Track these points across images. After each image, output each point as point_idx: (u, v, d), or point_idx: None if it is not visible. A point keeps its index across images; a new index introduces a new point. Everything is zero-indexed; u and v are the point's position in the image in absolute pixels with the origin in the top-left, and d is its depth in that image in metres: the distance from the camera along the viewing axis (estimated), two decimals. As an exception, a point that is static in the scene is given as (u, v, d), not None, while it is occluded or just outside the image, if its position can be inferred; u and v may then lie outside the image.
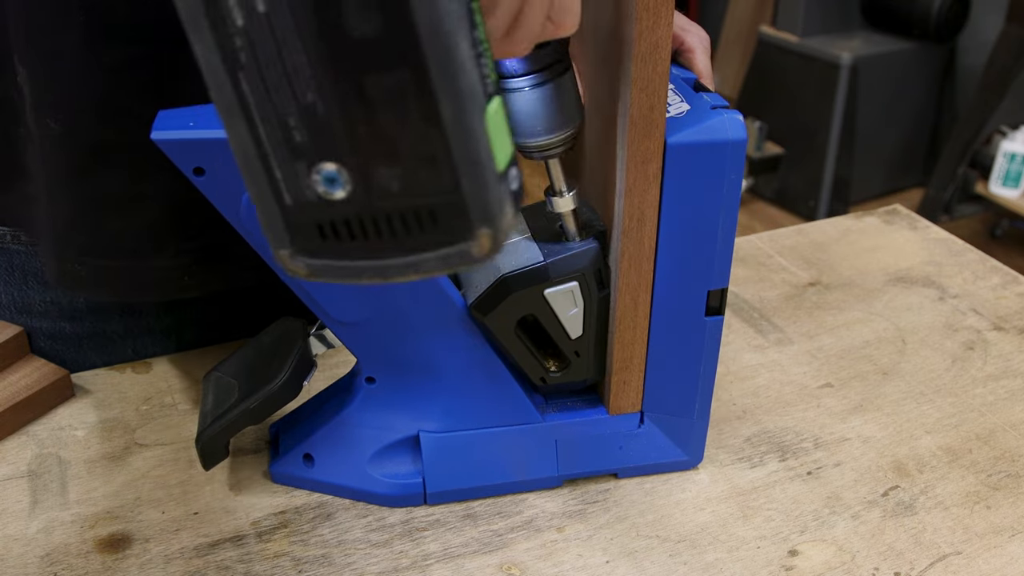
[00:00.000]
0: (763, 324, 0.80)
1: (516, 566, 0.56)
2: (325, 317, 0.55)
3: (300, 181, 0.32)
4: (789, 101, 3.06)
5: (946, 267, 0.89)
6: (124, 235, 0.64)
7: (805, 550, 0.58)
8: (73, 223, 0.63)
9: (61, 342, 0.73)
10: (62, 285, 0.68)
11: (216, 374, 0.62)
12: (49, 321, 0.72)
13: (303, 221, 0.34)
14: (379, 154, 0.32)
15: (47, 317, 0.71)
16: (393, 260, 0.34)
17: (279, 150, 0.32)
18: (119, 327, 0.73)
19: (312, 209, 0.33)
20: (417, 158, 0.31)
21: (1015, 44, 2.64)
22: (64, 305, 0.71)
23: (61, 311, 0.71)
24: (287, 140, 0.32)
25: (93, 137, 0.60)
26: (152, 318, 0.74)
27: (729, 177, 0.52)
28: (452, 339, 0.56)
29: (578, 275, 0.54)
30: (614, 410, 0.60)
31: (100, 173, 0.62)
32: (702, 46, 0.60)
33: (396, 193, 0.32)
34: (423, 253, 0.34)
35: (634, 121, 0.49)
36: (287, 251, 0.34)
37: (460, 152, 0.31)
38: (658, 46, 0.47)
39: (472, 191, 0.32)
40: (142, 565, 0.56)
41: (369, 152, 0.32)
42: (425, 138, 0.31)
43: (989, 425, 0.68)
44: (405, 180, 0.32)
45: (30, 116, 0.60)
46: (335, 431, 0.60)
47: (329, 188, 0.32)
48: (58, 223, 0.64)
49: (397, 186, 0.32)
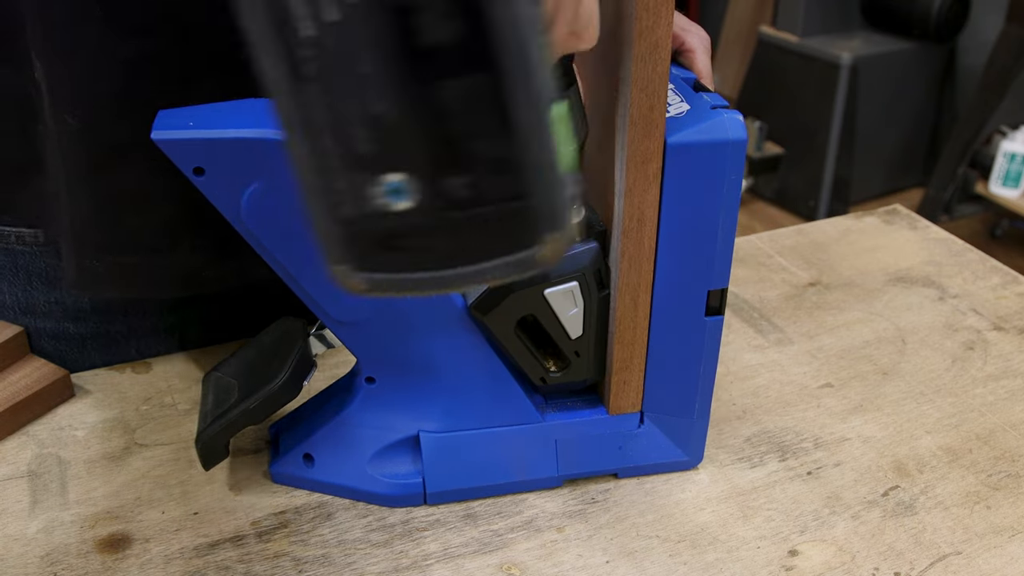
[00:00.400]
0: (763, 324, 0.80)
1: (516, 566, 0.56)
2: (325, 317, 0.55)
3: (362, 193, 0.31)
4: (789, 101, 3.06)
5: (946, 267, 0.89)
6: (142, 232, 0.64)
7: (805, 550, 0.58)
8: (91, 220, 0.63)
9: (65, 342, 0.73)
10: (79, 284, 0.68)
11: (216, 374, 0.62)
12: (53, 321, 0.72)
13: (364, 235, 0.32)
14: (450, 162, 0.31)
15: (51, 317, 0.71)
16: (456, 270, 0.33)
17: (341, 162, 0.31)
18: (123, 327, 0.74)
19: (374, 222, 0.32)
20: (488, 165, 0.31)
21: (1015, 44, 2.64)
22: (68, 305, 0.71)
23: (65, 311, 0.72)
24: (350, 151, 0.31)
25: (111, 133, 0.60)
26: (156, 317, 0.74)
27: (729, 177, 0.52)
28: (452, 339, 0.56)
29: (578, 275, 0.54)
30: (614, 410, 0.60)
31: (118, 169, 0.61)
32: (703, 46, 0.60)
33: (465, 201, 0.31)
34: (486, 262, 0.33)
35: (634, 121, 0.49)
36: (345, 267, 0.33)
37: (532, 157, 0.31)
38: (658, 46, 0.47)
39: (542, 197, 0.31)
40: (142, 565, 0.56)
41: (440, 160, 0.31)
42: (497, 144, 0.31)
43: (989, 425, 0.68)
44: (475, 188, 0.31)
45: (48, 112, 0.60)
46: (335, 431, 0.60)
47: (393, 199, 0.31)
48: (76, 221, 0.64)
49: (466, 194, 0.31)
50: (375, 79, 0.30)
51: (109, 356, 0.74)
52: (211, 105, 0.51)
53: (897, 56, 2.95)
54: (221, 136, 0.48)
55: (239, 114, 0.50)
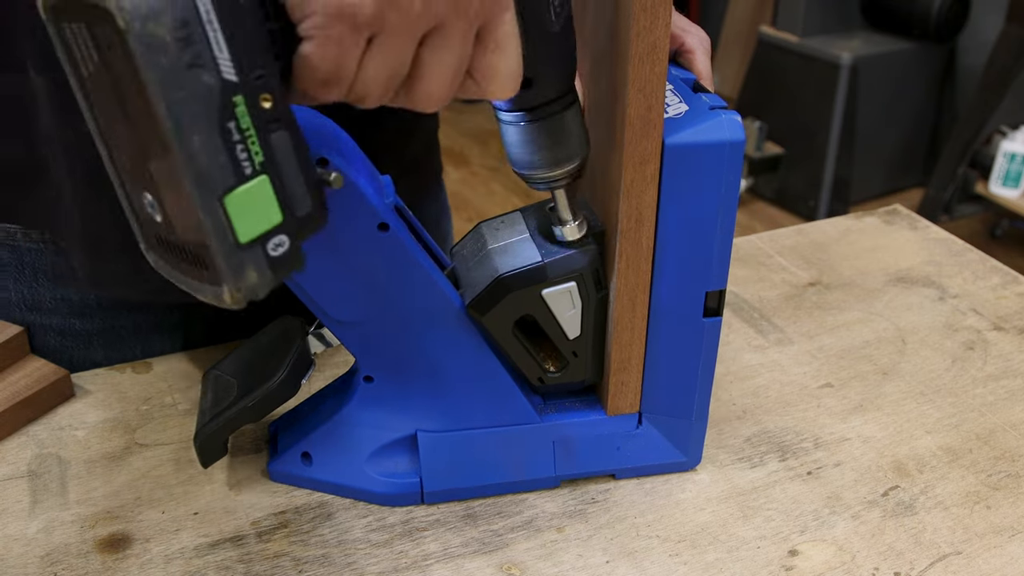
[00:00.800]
0: (763, 324, 0.80)
1: (516, 566, 0.56)
2: (323, 316, 0.55)
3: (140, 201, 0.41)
4: (789, 101, 3.06)
5: (946, 267, 0.89)
6: None
7: (805, 550, 0.58)
8: (108, 221, 0.64)
9: (71, 339, 0.73)
10: (95, 284, 0.68)
11: (215, 372, 0.62)
12: (59, 318, 0.72)
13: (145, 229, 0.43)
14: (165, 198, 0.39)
15: (57, 314, 0.72)
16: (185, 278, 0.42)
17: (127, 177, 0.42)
18: (128, 323, 0.74)
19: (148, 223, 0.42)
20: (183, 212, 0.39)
21: (1015, 44, 2.65)
22: (74, 302, 0.71)
23: (71, 308, 0.72)
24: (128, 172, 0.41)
25: None
26: (160, 314, 0.74)
27: (727, 178, 0.52)
28: (450, 339, 0.56)
29: (576, 275, 0.54)
30: (612, 411, 0.60)
31: None
32: (702, 47, 0.60)
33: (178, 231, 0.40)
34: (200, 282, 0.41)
35: (632, 122, 0.49)
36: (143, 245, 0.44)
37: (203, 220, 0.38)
38: (656, 46, 0.47)
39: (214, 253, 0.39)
40: (142, 565, 0.56)
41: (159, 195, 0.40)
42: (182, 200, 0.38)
43: (989, 425, 0.68)
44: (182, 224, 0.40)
45: (51, 121, 0.61)
46: (333, 430, 0.60)
47: (151, 211, 0.41)
48: (91, 223, 0.64)
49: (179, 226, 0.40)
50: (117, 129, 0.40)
51: (114, 352, 0.74)
52: None
53: (897, 56, 2.95)
54: None
55: None
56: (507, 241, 0.56)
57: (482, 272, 0.55)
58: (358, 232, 0.51)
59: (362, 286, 0.54)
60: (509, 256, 0.55)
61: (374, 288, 0.54)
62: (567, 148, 0.50)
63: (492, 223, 0.59)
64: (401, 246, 0.52)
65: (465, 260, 0.58)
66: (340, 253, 0.52)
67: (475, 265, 0.56)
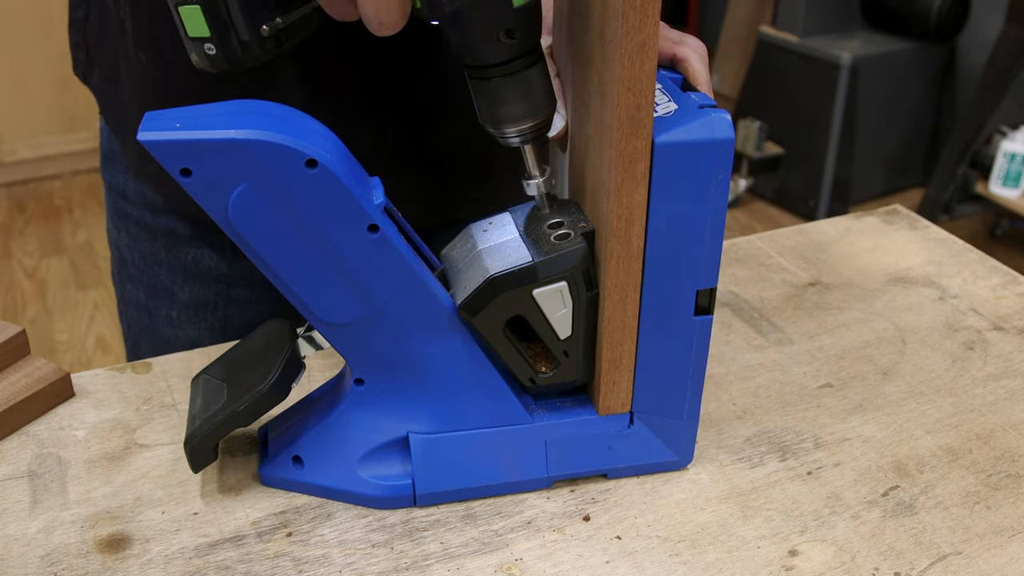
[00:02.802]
0: (763, 324, 0.80)
1: (516, 566, 0.56)
2: (313, 319, 0.55)
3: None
4: (789, 101, 3.06)
5: (946, 267, 0.89)
6: None
7: (805, 550, 0.58)
8: None
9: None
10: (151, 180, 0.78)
11: (204, 376, 0.62)
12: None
13: None
14: None
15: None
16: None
17: None
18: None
19: None
20: None
21: (1015, 44, 2.64)
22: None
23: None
24: None
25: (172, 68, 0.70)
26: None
27: (717, 176, 0.52)
28: (441, 341, 0.56)
29: (567, 275, 0.54)
30: (603, 410, 0.60)
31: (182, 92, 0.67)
32: (696, 55, 0.60)
33: None
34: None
35: (621, 121, 0.49)
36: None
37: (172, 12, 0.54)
38: (645, 45, 0.47)
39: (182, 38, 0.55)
40: (142, 565, 0.56)
41: None
42: None
43: (989, 425, 0.68)
44: None
45: (130, 47, 0.73)
46: (324, 433, 0.60)
47: None
48: None
49: None
50: None
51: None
52: (198, 106, 0.51)
53: (897, 56, 2.95)
54: (208, 137, 0.48)
55: (226, 115, 0.49)
56: (496, 242, 0.56)
57: (472, 273, 0.55)
58: (347, 234, 0.51)
59: (352, 288, 0.53)
60: (499, 257, 0.55)
61: (364, 290, 0.54)
62: (532, 103, 0.54)
63: (481, 224, 0.59)
64: (391, 248, 0.52)
65: (455, 261, 0.58)
66: (330, 255, 0.52)
67: (465, 266, 0.57)
